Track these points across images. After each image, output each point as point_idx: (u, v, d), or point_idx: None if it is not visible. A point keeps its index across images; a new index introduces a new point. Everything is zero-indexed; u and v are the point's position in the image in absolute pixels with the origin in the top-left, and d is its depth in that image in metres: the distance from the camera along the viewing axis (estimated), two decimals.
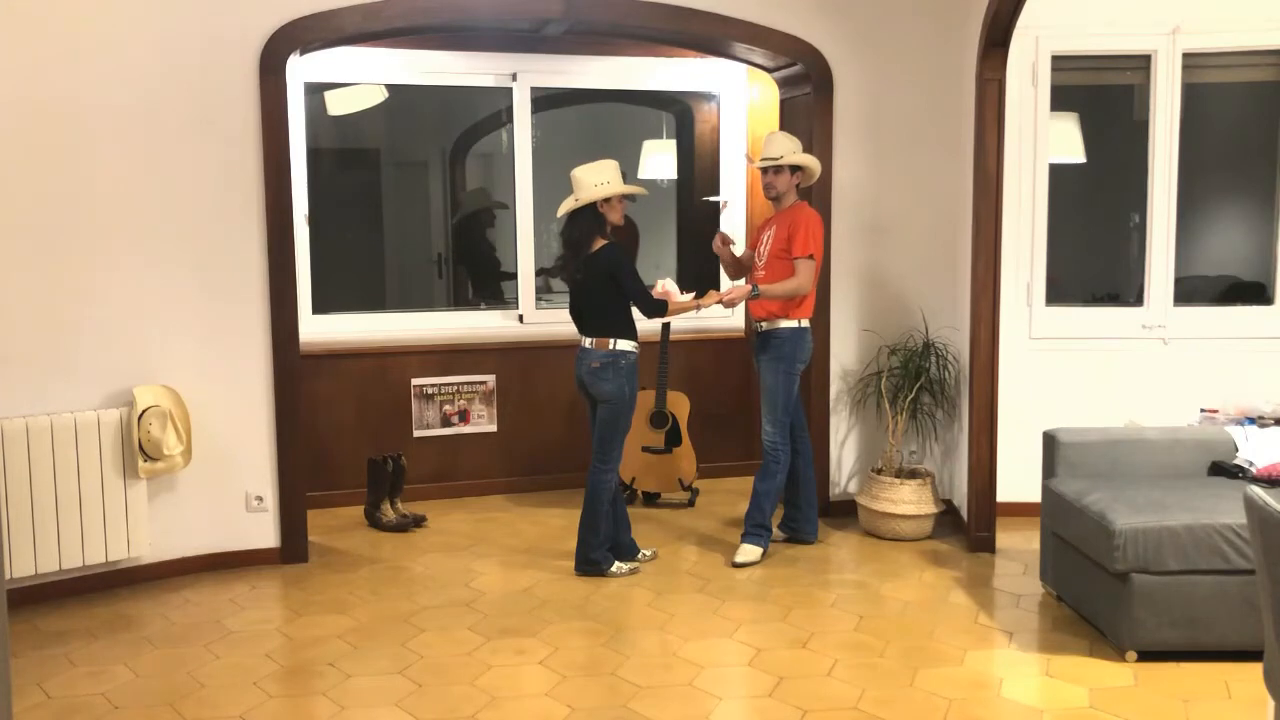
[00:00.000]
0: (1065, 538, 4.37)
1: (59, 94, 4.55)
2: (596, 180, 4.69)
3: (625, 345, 4.76)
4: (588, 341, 4.81)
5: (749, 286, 4.95)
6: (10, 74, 4.45)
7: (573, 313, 4.91)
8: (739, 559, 5.10)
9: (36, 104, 4.51)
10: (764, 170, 5.09)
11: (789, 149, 5.07)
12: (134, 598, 4.69)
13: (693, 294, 5.08)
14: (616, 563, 4.95)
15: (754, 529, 5.16)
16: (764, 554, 5.15)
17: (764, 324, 5.12)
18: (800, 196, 5.19)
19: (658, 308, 4.84)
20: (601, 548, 4.92)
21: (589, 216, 4.72)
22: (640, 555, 5.09)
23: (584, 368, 4.81)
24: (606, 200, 4.70)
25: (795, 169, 5.07)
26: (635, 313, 4.83)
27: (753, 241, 5.34)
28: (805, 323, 5.11)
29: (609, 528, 4.94)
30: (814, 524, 5.38)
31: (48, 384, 4.58)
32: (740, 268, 5.34)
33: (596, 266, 4.74)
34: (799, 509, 5.35)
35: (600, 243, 4.75)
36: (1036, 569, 4.78)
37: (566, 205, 4.76)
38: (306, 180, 5.98)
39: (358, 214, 7.06)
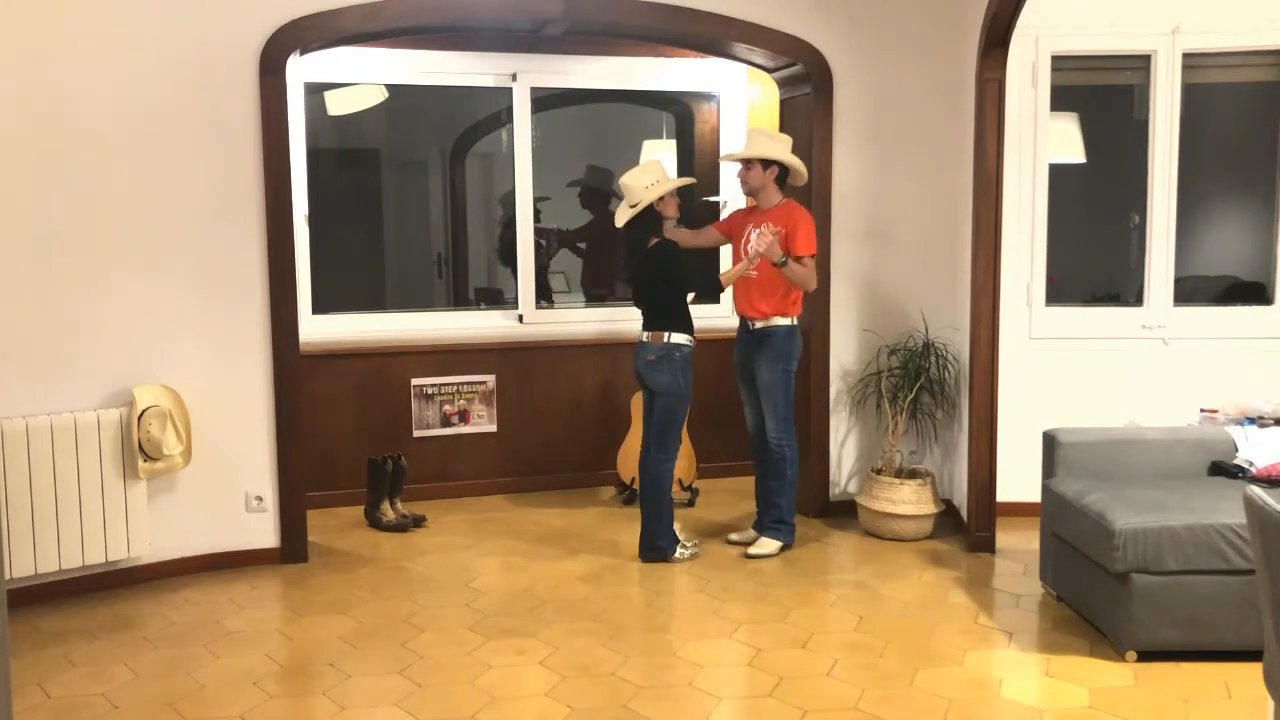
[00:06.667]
0: (1065, 538, 4.37)
1: (59, 94, 4.55)
2: (646, 182, 4.90)
3: (680, 339, 4.96)
4: (645, 336, 5.00)
5: (779, 253, 4.94)
6: (10, 74, 4.45)
7: (638, 307, 5.14)
8: (756, 550, 5.16)
9: (36, 104, 4.51)
10: (743, 165, 5.12)
11: (762, 144, 5.08)
12: (134, 598, 4.69)
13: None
14: (679, 548, 5.09)
15: (773, 524, 5.22)
16: (783, 549, 5.20)
17: (758, 323, 5.14)
18: (792, 194, 5.19)
19: (715, 286, 5.24)
20: (667, 534, 5.05)
21: (648, 217, 4.94)
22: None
23: (641, 361, 5.01)
24: (660, 198, 4.91)
25: (769, 164, 5.07)
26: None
27: (732, 233, 5.30)
28: (796, 321, 5.15)
29: (672, 514, 5.09)
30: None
31: (48, 384, 4.58)
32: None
33: (651, 264, 4.98)
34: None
35: (654, 240, 4.97)
36: (1036, 569, 4.78)
37: (624, 214, 4.94)
38: (306, 180, 5.98)
39: (358, 214, 7.06)
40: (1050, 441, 4.61)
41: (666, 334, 4.95)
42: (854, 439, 5.85)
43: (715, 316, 6.29)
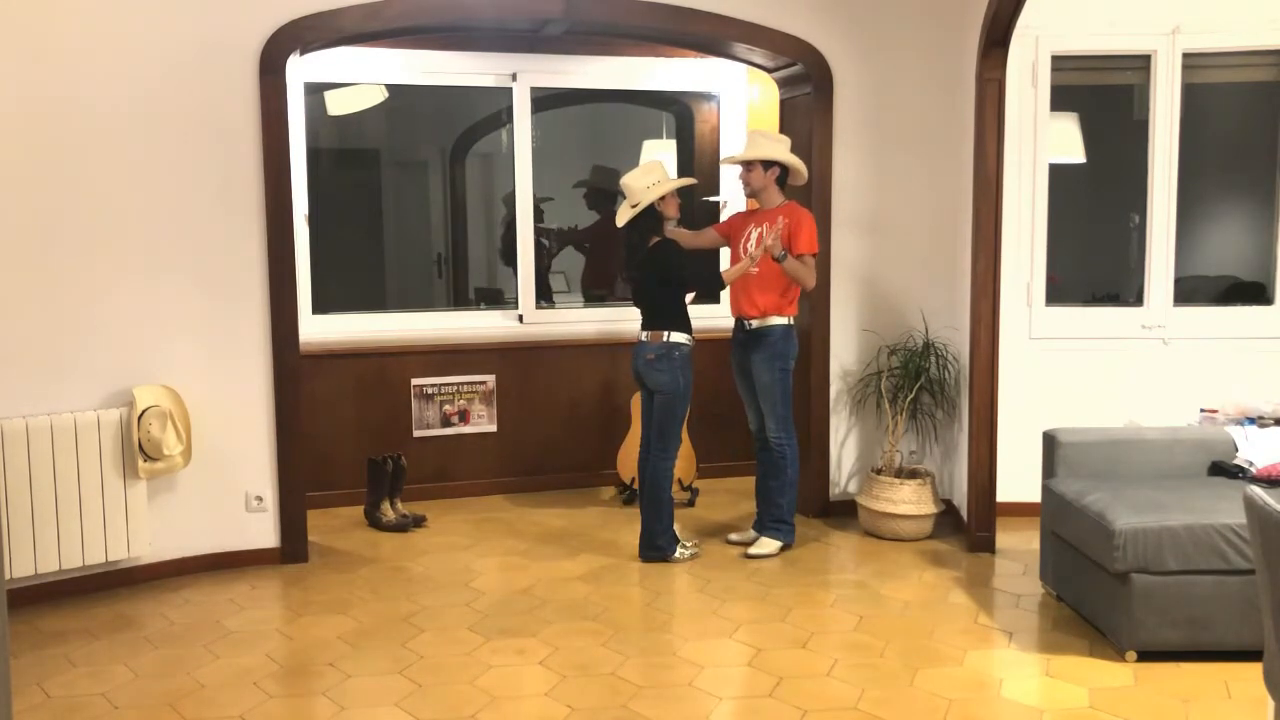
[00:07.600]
0: (1065, 538, 4.37)
1: (59, 94, 4.55)
2: (647, 183, 4.92)
3: (679, 338, 4.97)
4: (644, 335, 5.01)
5: (780, 248, 4.94)
6: (10, 74, 4.45)
7: (638, 307, 5.15)
8: (756, 550, 5.17)
9: (37, 104, 4.51)
10: (744, 167, 5.14)
11: (763, 145, 5.10)
12: (134, 598, 4.69)
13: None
14: (679, 548, 5.10)
15: (773, 524, 5.23)
16: (783, 549, 5.21)
17: (755, 322, 5.14)
18: (792, 195, 5.21)
19: (717, 283, 5.23)
20: (667, 534, 5.06)
21: (649, 217, 4.95)
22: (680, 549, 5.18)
23: (640, 360, 5.02)
24: (661, 198, 4.93)
25: (770, 165, 5.09)
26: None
27: (732, 235, 5.31)
28: (792, 320, 5.16)
29: (671, 514, 5.09)
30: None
31: (48, 384, 4.58)
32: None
33: (652, 263, 4.98)
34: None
35: (655, 240, 4.99)
36: (1036, 569, 4.78)
37: (625, 214, 4.96)
38: (306, 180, 5.98)
39: (358, 214, 7.06)
40: (1050, 441, 4.61)
41: (665, 333, 4.96)
42: (854, 439, 5.85)
43: (715, 316, 6.29)
